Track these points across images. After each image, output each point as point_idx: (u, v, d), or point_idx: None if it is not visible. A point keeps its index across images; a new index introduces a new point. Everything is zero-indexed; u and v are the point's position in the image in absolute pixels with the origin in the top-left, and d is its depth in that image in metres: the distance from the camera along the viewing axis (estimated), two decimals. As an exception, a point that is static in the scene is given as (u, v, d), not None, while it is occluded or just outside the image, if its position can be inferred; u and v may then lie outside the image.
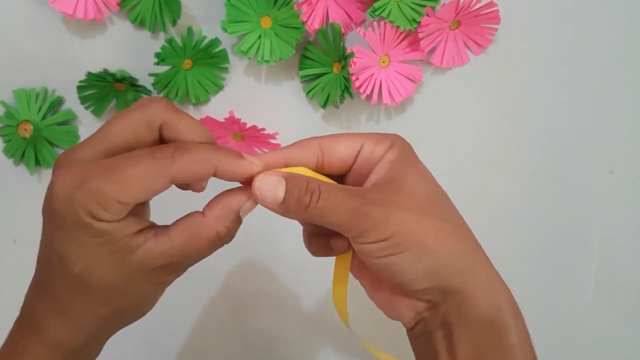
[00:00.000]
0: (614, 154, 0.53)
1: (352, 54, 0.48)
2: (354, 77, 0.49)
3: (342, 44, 0.49)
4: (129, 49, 0.53)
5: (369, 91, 0.50)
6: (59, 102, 0.53)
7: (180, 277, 0.31)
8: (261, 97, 0.53)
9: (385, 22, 0.49)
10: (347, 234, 0.29)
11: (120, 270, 0.28)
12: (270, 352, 0.52)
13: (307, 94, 0.52)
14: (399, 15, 0.49)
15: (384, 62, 0.51)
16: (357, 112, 0.54)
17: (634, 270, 0.52)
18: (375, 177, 0.30)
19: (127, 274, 0.28)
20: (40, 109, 0.51)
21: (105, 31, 0.53)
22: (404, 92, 0.51)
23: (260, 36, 0.50)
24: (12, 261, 0.53)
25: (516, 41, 0.53)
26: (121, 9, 0.51)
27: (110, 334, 0.32)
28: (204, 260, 0.30)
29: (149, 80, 0.50)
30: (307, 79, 0.53)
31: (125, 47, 0.53)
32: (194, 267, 0.30)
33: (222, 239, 0.30)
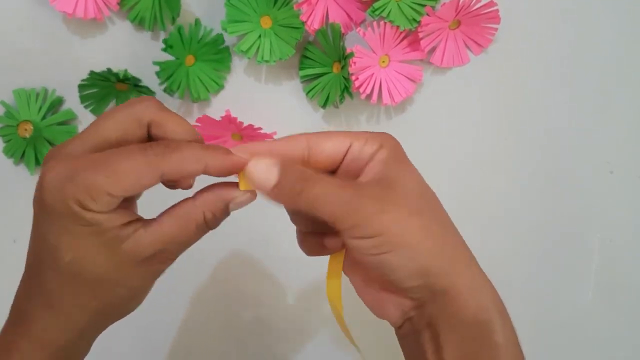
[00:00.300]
0: (614, 154, 0.53)
1: (352, 54, 0.48)
2: (353, 77, 0.49)
3: (342, 43, 0.49)
4: (129, 48, 0.53)
5: (368, 91, 0.50)
6: (59, 102, 0.53)
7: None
8: (261, 97, 0.53)
9: (385, 22, 0.49)
10: (339, 227, 0.28)
11: (110, 260, 0.28)
12: (265, 349, 0.52)
13: (307, 93, 0.52)
14: (399, 15, 0.49)
15: (383, 62, 0.51)
16: (357, 112, 0.54)
17: (634, 270, 0.53)
18: (366, 176, 0.30)
19: (117, 265, 0.28)
20: (40, 109, 0.51)
21: (105, 31, 0.53)
22: (404, 92, 0.51)
23: (260, 36, 0.50)
24: (12, 261, 0.52)
25: (516, 41, 0.53)
26: (121, 8, 0.51)
27: (98, 331, 0.32)
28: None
29: (149, 80, 0.51)
30: (307, 79, 0.53)
31: (125, 47, 0.53)
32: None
33: (208, 223, 0.30)
